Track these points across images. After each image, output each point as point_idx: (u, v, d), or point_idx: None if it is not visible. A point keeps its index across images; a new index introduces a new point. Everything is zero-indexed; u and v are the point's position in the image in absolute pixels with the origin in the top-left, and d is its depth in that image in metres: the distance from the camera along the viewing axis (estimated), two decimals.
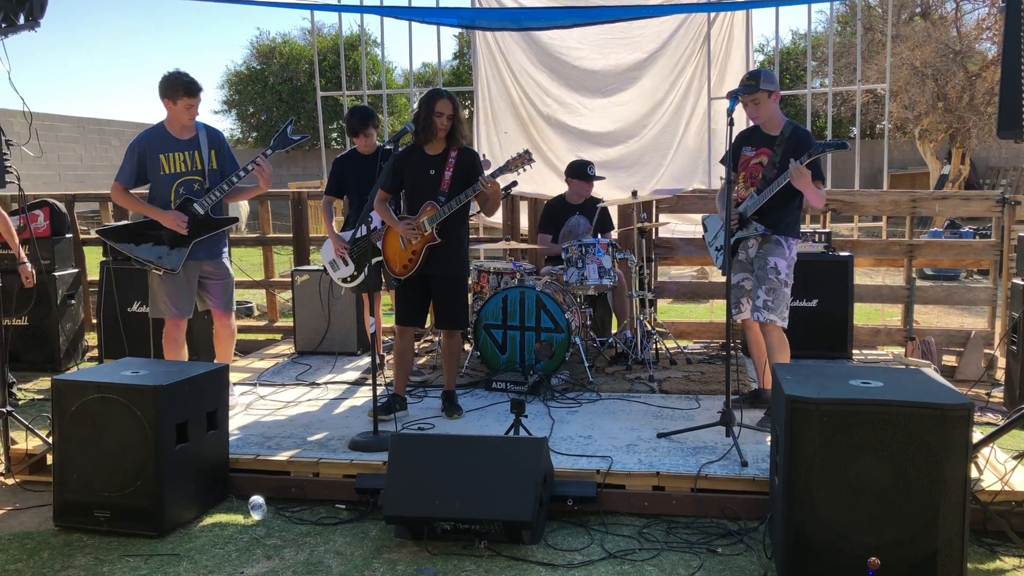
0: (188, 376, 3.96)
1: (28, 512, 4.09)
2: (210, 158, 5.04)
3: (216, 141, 5.11)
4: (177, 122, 4.99)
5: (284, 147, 5.10)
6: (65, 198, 7.81)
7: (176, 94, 4.89)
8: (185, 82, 4.88)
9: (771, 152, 4.70)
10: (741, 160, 4.84)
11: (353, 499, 4.04)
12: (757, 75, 4.71)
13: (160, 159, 4.96)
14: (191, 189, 4.99)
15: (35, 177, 19.65)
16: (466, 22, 8.04)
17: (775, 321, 4.66)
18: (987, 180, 22.58)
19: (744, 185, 4.82)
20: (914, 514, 3.11)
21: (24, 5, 4.24)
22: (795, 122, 4.81)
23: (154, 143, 4.99)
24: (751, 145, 4.84)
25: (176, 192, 4.98)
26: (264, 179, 5.02)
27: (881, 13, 19.03)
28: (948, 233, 13.65)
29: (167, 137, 5.00)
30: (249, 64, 28.48)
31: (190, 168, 4.99)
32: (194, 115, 4.98)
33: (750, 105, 4.70)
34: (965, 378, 6.29)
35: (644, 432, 4.62)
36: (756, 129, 4.86)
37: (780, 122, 4.75)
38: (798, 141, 4.64)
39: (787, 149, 4.63)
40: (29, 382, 6.63)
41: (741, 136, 4.89)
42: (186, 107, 4.91)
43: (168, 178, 4.97)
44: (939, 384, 3.46)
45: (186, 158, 4.99)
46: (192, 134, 5.03)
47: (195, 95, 4.92)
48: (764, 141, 4.77)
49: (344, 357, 6.61)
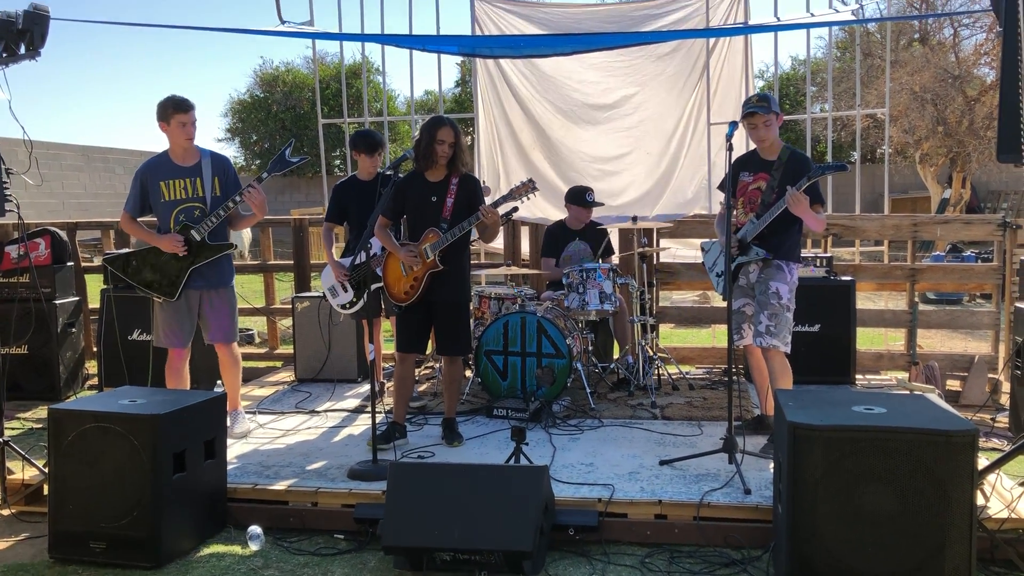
0: (186, 405, 3.94)
1: (24, 543, 4.04)
2: (213, 185, 5.00)
3: (221, 168, 5.07)
4: (177, 146, 4.97)
5: (282, 170, 5.06)
6: (67, 226, 7.82)
7: (167, 113, 4.87)
8: (175, 100, 4.87)
9: (769, 177, 4.69)
10: (740, 186, 4.83)
11: (352, 529, 4.00)
12: (767, 97, 4.71)
13: (160, 186, 4.95)
14: (191, 216, 4.96)
15: (39, 205, 19.71)
16: (467, 50, 8.07)
17: (777, 346, 4.63)
18: (988, 204, 22.61)
19: (743, 211, 4.81)
20: (920, 542, 3.07)
21: (25, 35, 4.26)
22: (792, 146, 4.81)
23: (156, 170, 4.99)
24: (749, 170, 4.83)
25: (176, 219, 4.96)
26: (256, 205, 4.98)
27: (880, 39, 19.13)
28: (950, 257, 13.62)
29: (169, 164, 5.00)
30: (252, 92, 28.67)
31: (191, 195, 4.97)
32: (191, 134, 4.93)
33: (760, 127, 4.69)
34: (969, 403, 6.25)
35: (646, 459, 4.57)
36: (754, 154, 4.86)
37: (778, 147, 4.75)
38: (796, 165, 4.63)
39: (785, 173, 4.63)
40: (28, 411, 6.60)
41: (739, 162, 4.89)
42: (180, 125, 4.88)
43: (168, 205, 4.96)
44: (943, 410, 3.43)
45: (187, 185, 4.96)
46: (195, 161, 5.01)
47: (186, 111, 4.88)
48: (762, 166, 4.76)
49: (344, 384, 6.58)
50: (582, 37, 7.27)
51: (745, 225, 4.75)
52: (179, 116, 4.88)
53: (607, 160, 8.51)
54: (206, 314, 5.13)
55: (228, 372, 5.31)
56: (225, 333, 5.20)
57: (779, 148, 4.74)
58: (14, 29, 4.26)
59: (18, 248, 6.71)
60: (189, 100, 4.91)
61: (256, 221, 5.22)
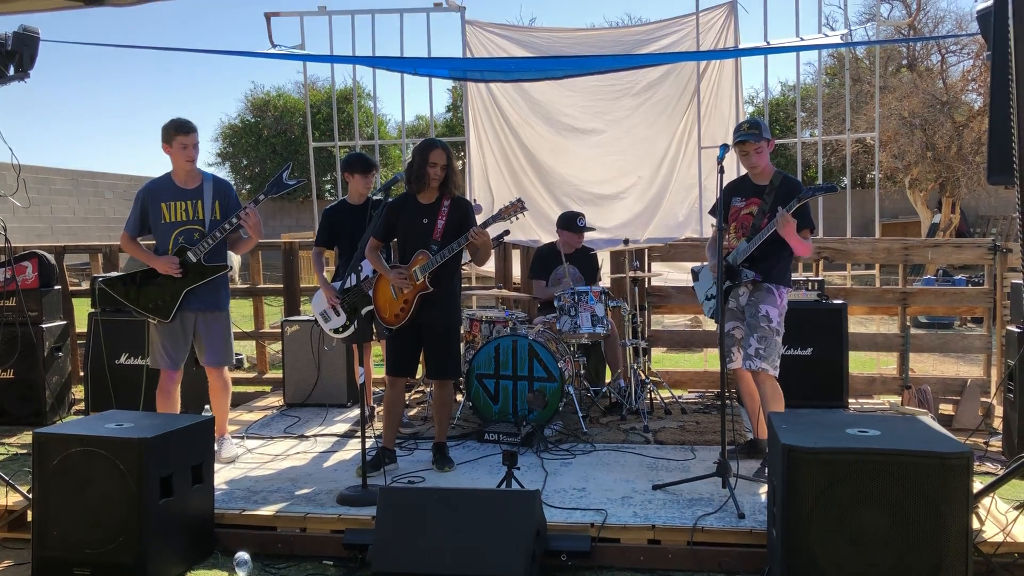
0: (173, 429, 3.89)
1: (6, 571, 3.97)
2: (213, 208, 5.02)
3: (222, 192, 5.10)
4: (180, 168, 5.00)
5: (279, 192, 5.07)
6: (55, 250, 7.77)
7: (169, 135, 4.92)
8: (177, 123, 4.93)
9: (761, 202, 4.69)
10: (732, 210, 4.83)
11: (341, 555, 3.94)
12: (758, 124, 4.72)
13: (162, 208, 4.98)
14: (191, 239, 4.97)
15: (27, 230, 19.65)
16: (457, 73, 8.09)
17: (767, 370, 4.61)
18: (977, 229, 22.74)
19: (735, 235, 4.81)
20: (916, 566, 3.04)
21: (14, 56, 4.25)
22: (784, 171, 4.82)
23: (157, 192, 5.02)
24: (741, 195, 4.83)
25: (175, 241, 4.97)
26: (251, 227, 4.98)
27: (868, 64, 19.31)
28: (941, 281, 13.66)
29: (170, 186, 5.03)
30: (243, 117, 28.70)
31: (191, 217, 4.98)
32: (192, 156, 4.96)
33: (752, 154, 4.70)
34: (962, 427, 6.23)
35: (639, 484, 4.53)
36: (746, 179, 4.87)
37: (770, 172, 4.76)
38: (788, 189, 4.64)
39: (777, 198, 4.63)
40: (13, 436, 6.51)
41: (731, 186, 4.89)
42: (181, 147, 4.92)
43: (168, 227, 4.98)
44: (937, 432, 3.41)
45: (187, 207, 4.98)
46: (197, 184, 5.04)
47: (188, 133, 4.93)
48: (754, 191, 4.77)
49: (334, 409, 6.53)
50: (573, 60, 7.31)
51: (736, 248, 4.75)
52: (180, 138, 4.92)
53: (598, 184, 8.53)
54: (201, 337, 5.12)
55: (217, 397, 5.28)
56: (219, 357, 5.16)
57: (771, 173, 4.75)
58: (3, 51, 4.25)
59: (5, 271, 6.66)
60: (192, 123, 4.96)
61: (253, 244, 5.20)
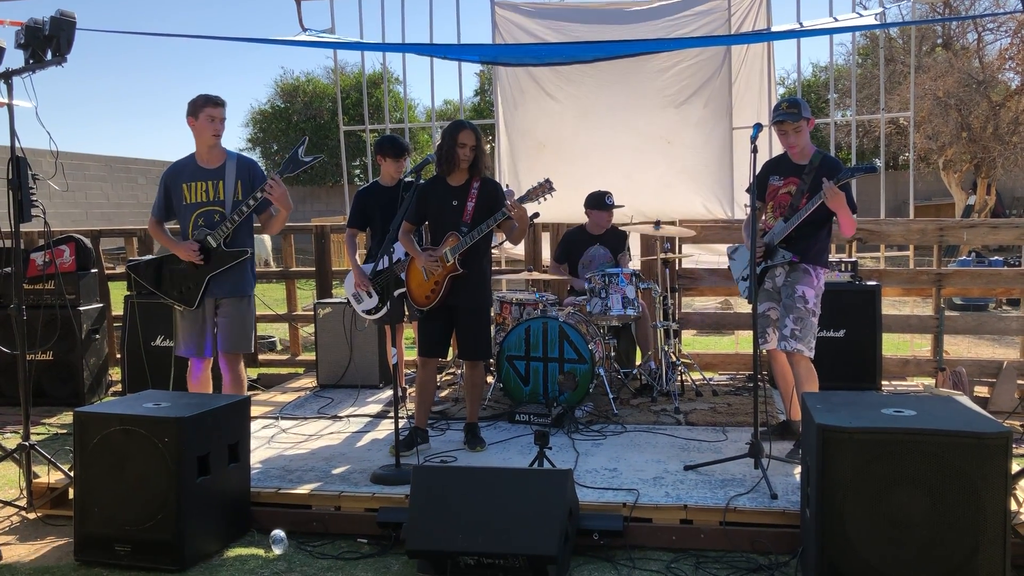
0: (209, 408, 3.94)
1: (49, 546, 4.05)
2: (236, 188, 4.80)
3: (246, 172, 4.86)
4: (203, 144, 4.81)
5: (295, 170, 4.76)
6: (91, 234, 7.88)
7: (197, 107, 4.74)
8: (206, 96, 4.76)
9: (800, 181, 4.64)
10: (769, 189, 4.78)
11: (375, 533, 3.98)
12: (797, 103, 4.64)
13: (183, 188, 4.81)
14: (211, 220, 4.79)
15: (63, 215, 19.92)
16: (488, 58, 8.08)
17: (802, 351, 4.58)
18: (1013, 210, 22.38)
19: (772, 215, 4.76)
20: (953, 548, 3.01)
21: (51, 41, 4.29)
22: (824, 151, 4.76)
23: (180, 173, 4.85)
24: (779, 174, 4.77)
25: (195, 223, 4.80)
26: (277, 199, 4.66)
27: (902, 44, 19.00)
28: (975, 263, 13.47)
29: (193, 166, 4.85)
30: (273, 102, 28.87)
31: (212, 198, 4.79)
32: (218, 130, 4.78)
33: (791, 134, 4.62)
34: (998, 409, 6.15)
35: (671, 465, 4.53)
36: (784, 158, 4.80)
37: (810, 151, 4.69)
38: (828, 169, 4.58)
39: (816, 177, 4.57)
40: (53, 416, 6.64)
41: (769, 165, 4.84)
42: (209, 119, 4.73)
43: (189, 208, 4.81)
44: (974, 412, 3.38)
45: (208, 188, 4.79)
46: (220, 163, 4.83)
47: (216, 106, 4.75)
48: (793, 170, 4.71)
49: (366, 390, 6.58)
50: (602, 44, 7.24)
51: (773, 228, 4.71)
52: (209, 110, 4.73)
53: (630, 164, 8.47)
54: (219, 323, 4.89)
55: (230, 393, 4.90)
56: (232, 343, 4.86)
57: (811, 153, 4.68)
58: (41, 36, 4.28)
59: (43, 255, 6.77)
60: (220, 97, 4.79)
61: (284, 218, 4.87)
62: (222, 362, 4.92)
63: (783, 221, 4.64)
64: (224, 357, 4.90)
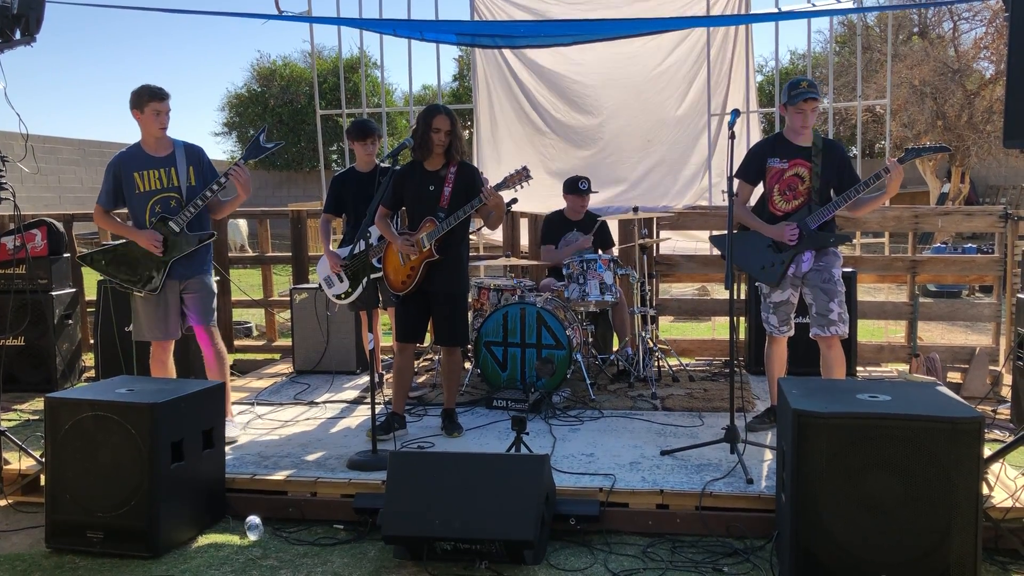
0: (183, 394, 3.90)
1: (20, 534, 4.01)
2: (188, 175, 4.86)
3: (195, 157, 4.93)
4: (150, 135, 4.84)
5: (257, 156, 4.92)
6: (63, 218, 7.78)
7: (142, 101, 4.74)
8: (151, 89, 4.75)
9: (811, 163, 4.59)
10: (771, 172, 4.67)
11: (351, 519, 3.97)
12: (814, 83, 4.62)
13: (135, 177, 4.81)
14: (167, 207, 4.82)
15: (35, 199, 19.64)
16: (465, 38, 8.02)
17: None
18: (987, 198, 22.61)
19: (783, 198, 4.67)
20: (925, 531, 3.04)
21: (20, 20, 4.21)
22: (818, 132, 4.72)
23: (129, 162, 4.84)
24: (780, 156, 4.68)
25: (152, 211, 4.81)
26: (241, 185, 4.83)
27: (879, 32, 19.10)
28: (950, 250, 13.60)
29: (141, 155, 4.85)
30: (250, 86, 28.56)
31: (165, 185, 4.82)
32: (163, 123, 4.80)
33: (808, 113, 4.56)
34: (970, 395, 6.22)
35: (647, 450, 4.55)
36: (780, 139, 4.73)
37: (811, 134, 4.68)
38: (835, 150, 4.66)
39: (827, 159, 4.57)
40: (25, 403, 6.56)
41: (764, 147, 4.79)
42: (155, 113, 4.75)
43: (143, 196, 4.82)
44: (948, 398, 3.41)
45: (161, 175, 4.83)
46: (168, 151, 4.87)
47: (161, 99, 4.76)
48: (797, 152, 4.63)
49: (343, 376, 6.55)
50: (582, 24, 7.21)
51: (797, 212, 4.62)
52: (154, 104, 4.74)
53: (611, 151, 8.48)
54: (187, 301, 4.95)
55: (213, 372, 5.01)
56: (205, 316, 4.96)
57: (811, 135, 4.67)
58: (9, 14, 4.20)
59: (14, 239, 6.67)
60: (165, 89, 4.79)
61: (239, 204, 5.05)
62: (202, 338, 5.00)
63: (816, 205, 4.58)
64: (204, 332, 4.98)
